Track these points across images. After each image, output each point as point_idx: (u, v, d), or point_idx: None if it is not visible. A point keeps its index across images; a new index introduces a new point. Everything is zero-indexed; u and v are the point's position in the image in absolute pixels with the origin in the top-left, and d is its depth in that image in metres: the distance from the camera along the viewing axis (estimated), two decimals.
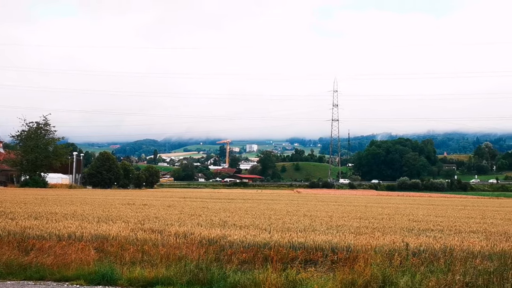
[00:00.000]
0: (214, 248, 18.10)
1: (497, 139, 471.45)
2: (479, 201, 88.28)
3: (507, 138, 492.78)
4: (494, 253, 16.86)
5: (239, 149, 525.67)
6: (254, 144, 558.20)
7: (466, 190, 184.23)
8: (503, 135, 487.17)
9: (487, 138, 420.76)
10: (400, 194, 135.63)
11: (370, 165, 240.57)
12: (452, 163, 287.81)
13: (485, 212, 48.19)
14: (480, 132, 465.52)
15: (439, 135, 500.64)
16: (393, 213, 41.54)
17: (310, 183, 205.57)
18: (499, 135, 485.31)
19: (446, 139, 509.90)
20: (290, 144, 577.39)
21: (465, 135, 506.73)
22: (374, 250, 16.81)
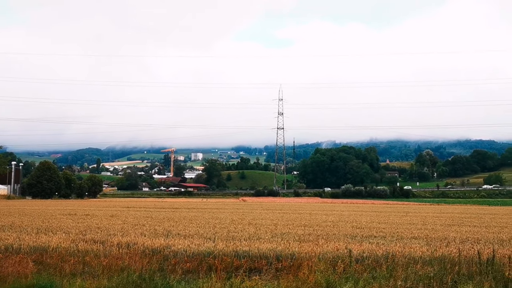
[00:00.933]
0: (157, 258, 17.85)
1: (438, 146, 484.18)
2: (420, 207, 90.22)
3: (447, 145, 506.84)
4: (435, 258, 17.18)
5: (184, 158, 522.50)
6: (199, 152, 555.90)
7: (408, 196, 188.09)
8: (444, 142, 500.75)
9: (428, 146, 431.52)
10: (344, 201, 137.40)
11: (315, 172, 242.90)
12: (394, 170, 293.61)
13: (426, 218, 49.22)
14: (421, 140, 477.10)
15: (382, 143, 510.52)
16: (337, 220, 41.96)
17: (255, 191, 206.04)
18: (440, 143, 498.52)
19: (388, 146, 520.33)
20: (235, 152, 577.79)
21: (407, 143, 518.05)
22: (318, 257, 16.89)
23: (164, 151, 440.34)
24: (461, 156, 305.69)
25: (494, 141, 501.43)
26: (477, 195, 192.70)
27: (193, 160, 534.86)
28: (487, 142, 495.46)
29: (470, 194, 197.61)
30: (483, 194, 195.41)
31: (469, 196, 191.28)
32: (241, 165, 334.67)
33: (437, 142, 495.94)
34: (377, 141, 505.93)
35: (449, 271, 15.43)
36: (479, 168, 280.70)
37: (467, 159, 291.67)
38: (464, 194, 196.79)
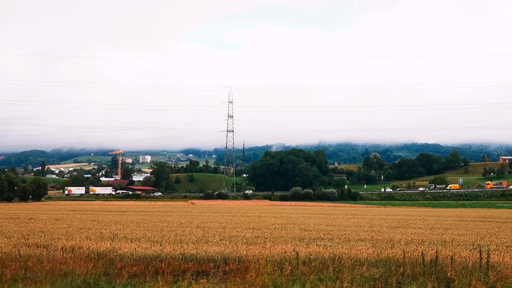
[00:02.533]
0: (103, 262, 17.53)
1: (385, 150, 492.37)
2: (367, 210, 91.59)
3: (394, 148, 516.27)
4: (380, 260, 17.41)
5: (132, 161, 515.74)
6: (148, 155, 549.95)
7: (356, 199, 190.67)
8: (391, 146, 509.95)
9: (376, 149, 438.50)
10: (293, 204, 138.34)
11: (265, 175, 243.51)
12: (342, 173, 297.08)
13: (373, 220, 49.98)
14: (369, 143, 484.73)
15: (331, 146, 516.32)
16: (285, 223, 42.17)
17: (204, 194, 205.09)
18: (387, 146, 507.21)
19: (337, 150, 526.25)
20: (184, 155, 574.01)
21: (355, 146, 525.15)
22: (265, 260, 16.89)
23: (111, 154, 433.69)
24: (407, 159, 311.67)
25: (439, 145, 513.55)
26: (423, 198, 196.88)
27: (141, 162, 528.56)
28: (433, 146, 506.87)
29: (416, 196, 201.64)
30: (428, 196, 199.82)
31: (414, 198, 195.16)
32: (190, 167, 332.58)
33: (384, 145, 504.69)
34: (326, 144, 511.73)
35: (394, 273, 15.68)
36: (425, 171, 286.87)
37: (413, 162, 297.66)
38: (410, 197, 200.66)
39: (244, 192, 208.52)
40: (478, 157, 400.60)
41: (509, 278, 14.83)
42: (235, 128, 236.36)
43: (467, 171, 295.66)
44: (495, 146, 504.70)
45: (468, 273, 14.81)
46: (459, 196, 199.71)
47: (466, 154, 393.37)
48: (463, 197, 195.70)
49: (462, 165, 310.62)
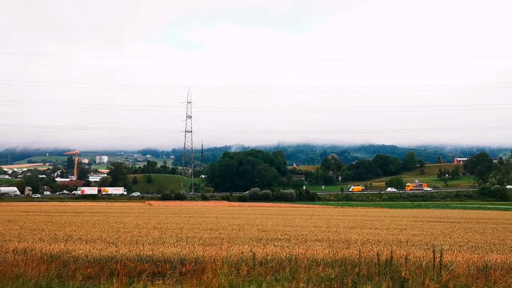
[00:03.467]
0: (56, 264, 17.19)
1: (343, 151, 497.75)
2: (325, 210, 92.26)
3: (352, 150, 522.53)
4: (336, 260, 17.53)
5: (88, 161, 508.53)
6: (105, 155, 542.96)
7: (314, 200, 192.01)
8: (348, 147, 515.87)
9: (334, 150, 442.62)
10: (251, 204, 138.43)
11: (223, 176, 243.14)
12: (301, 174, 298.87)
13: (330, 221, 50.37)
14: (327, 144, 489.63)
15: (290, 147, 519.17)
16: (243, 224, 42.17)
17: (162, 195, 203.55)
18: (345, 147, 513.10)
19: (296, 151, 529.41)
20: (142, 155, 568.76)
21: (314, 147, 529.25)
22: (222, 261, 16.82)
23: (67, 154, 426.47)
24: (364, 160, 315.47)
25: (396, 146, 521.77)
26: (379, 198, 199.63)
27: (98, 163, 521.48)
28: (390, 147, 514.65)
29: (373, 197, 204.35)
30: (385, 197, 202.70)
31: (371, 199, 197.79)
32: (147, 168, 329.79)
33: (342, 146, 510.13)
34: (285, 145, 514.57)
35: (350, 273, 15.80)
36: (382, 172, 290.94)
37: (370, 163, 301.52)
38: (367, 197, 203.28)
39: (203, 193, 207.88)
40: (433, 158, 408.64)
41: (461, 277, 15.12)
42: (193, 129, 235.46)
43: (423, 172, 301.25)
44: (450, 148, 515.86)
45: (421, 273, 15.03)
46: (415, 196, 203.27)
47: (422, 156, 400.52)
48: (419, 198, 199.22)
49: (418, 166, 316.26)
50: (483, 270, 16.01)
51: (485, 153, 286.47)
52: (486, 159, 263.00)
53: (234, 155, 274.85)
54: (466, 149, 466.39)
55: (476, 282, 15.01)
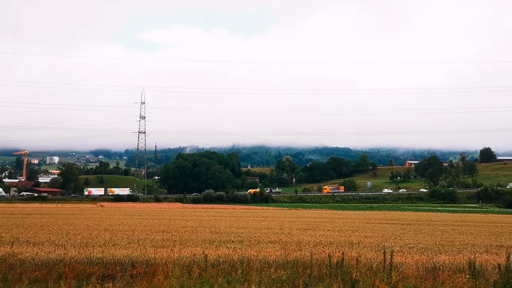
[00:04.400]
0: (1, 268, 16.71)
1: (297, 153, 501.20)
2: (278, 212, 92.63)
3: (306, 152, 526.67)
4: (288, 262, 17.55)
5: (38, 161, 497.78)
6: (56, 156, 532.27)
7: (268, 201, 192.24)
8: (303, 149, 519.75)
9: (288, 152, 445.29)
10: (205, 206, 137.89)
11: (177, 177, 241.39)
12: (255, 175, 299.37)
13: (283, 223, 50.58)
14: (282, 146, 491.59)
15: (244, 149, 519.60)
16: (196, 226, 41.95)
17: (114, 196, 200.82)
18: (300, 149, 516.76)
19: (250, 152, 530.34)
20: (94, 156, 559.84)
21: (269, 149, 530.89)
22: (173, 263, 16.64)
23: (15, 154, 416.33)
24: (318, 163, 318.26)
25: (349, 149, 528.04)
26: (333, 200, 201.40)
27: (48, 163, 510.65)
28: (343, 150, 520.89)
29: (326, 199, 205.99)
30: (338, 199, 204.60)
31: (325, 201, 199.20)
32: (100, 169, 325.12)
33: (297, 148, 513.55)
34: (240, 146, 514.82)
35: (301, 274, 15.83)
36: (335, 174, 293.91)
37: (324, 165, 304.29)
38: (320, 199, 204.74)
39: (156, 195, 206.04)
40: (386, 161, 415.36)
41: (411, 278, 15.32)
42: (147, 130, 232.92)
43: (376, 175, 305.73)
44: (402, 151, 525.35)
45: (372, 274, 15.16)
46: (368, 199, 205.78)
47: (375, 158, 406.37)
48: (371, 200, 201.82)
49: (371, 168, 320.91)
50: (432, 271, 16.28)
51: (436, 156, 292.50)
52: (436, 162, 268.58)
53: (188, 156, 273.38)
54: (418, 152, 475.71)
55: (424, 283, 15.24)
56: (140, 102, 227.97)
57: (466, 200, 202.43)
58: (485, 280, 15.14)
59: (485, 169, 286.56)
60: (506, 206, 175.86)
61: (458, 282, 14.97)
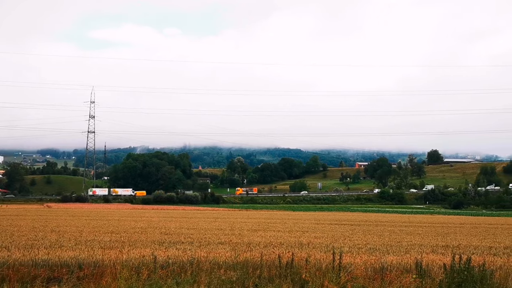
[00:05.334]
0: None
1: (249, 154, 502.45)
2: (229, 213, 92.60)
3: (258, 153, 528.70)
4: (238, 263, 17.50)
5: None
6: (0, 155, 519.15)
7: (219, 202, 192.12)
8: (254, 150, 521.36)
9: (240, 153, 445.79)
10: (155, 207, 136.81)
11: (127, 178, 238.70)
12: (206, 176, 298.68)
13: (234, 224, 50.53)
14: (234, 147, 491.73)
15: (196, 150, 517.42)
16: (146, 227, 41.51)
17: (62, 197, 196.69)
18: (251, 150, 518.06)
19: (202, 153, 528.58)
20: (41, 156, 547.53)
21: (220, 149, 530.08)
22: (122, 264, 16.39)
23: None
24: (270, 164, 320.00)
25: (301, 150, 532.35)
26: (283, 201, 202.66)
27: None
28: (294, 151, 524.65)
29: (277, 200, 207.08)
30: (289, 200, 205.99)
31: (276, 202, 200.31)
32: (47, 169, 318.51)
33: (249, 149, 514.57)
34: (192, 147, 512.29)
35: (251, 275, 15.79)
36: (286, 175, 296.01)
37: (275, 166, 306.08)
38: (271, 200, 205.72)
39: (105, 195, 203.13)
40: (336, 162, 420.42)
41: (359, 278, 15.47)
42: (97, 129, 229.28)
43: (326, 176, 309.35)
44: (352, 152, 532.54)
45: (321, 275, 15.25)
46: (318, 199, 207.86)
47: (325, 160, 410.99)
48: (322, 201, 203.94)
49: (321, 170, 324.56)
50: (380, 271, 16.48)
51: (384, 158, 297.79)
52: (385, 164, 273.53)
53: (138, 156, 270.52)
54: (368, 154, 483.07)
55: (373, 283, 15.40)
56: (90, 101, 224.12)
57: (414, 201, 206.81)
58: (431, 279, 15.41)
59: (432, 171, 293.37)
60: (452, 207, 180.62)
61: (405, 282, 15.19)
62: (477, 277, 14.69)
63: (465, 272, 14.56)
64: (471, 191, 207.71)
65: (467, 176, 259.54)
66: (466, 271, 14.59)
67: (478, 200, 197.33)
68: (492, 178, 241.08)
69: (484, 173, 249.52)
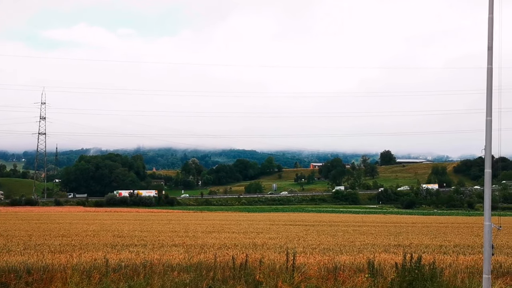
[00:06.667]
0: None
1: (204, 155, 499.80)
2: (184, 215, 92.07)
3: (213, 154, 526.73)
4: (191, 265, 17.39)
5: None
6: None
7: (173, 204, 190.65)
8: (210, 151, 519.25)
9: (195, 155, 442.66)
10: (108, 210, 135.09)
11: (79, 180, 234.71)
12: (161, 178, 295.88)
13: (188, 225, 50.27)
14: (189, 149, 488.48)
15: (150, 151, 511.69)
16: (98, 230, 40.88)
17: (11, 200, 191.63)
18: (207, 152, 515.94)
19: (156, 155, 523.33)
20: None
21: (175, 151, 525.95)
22: (73, 268, 16.07)
23: None
24: (225, 165, 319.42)
25: (256, 151, 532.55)
26: (238, 203, 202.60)
27: None
28: (250, 152, 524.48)
29: (232, 201, 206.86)
30: (244, 201, 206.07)
31: (231, 203, 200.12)
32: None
33: (204, 151, 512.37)
34: (145, 149, 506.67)
35: (205, 277, 15.72)
36: (242, 177, 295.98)
37: (231, 167, 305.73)
38: (226, 202, 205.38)
39: (56, 198, 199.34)
40: (291, 163, 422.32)
41: (312, 278, 15.54)
42: (48, 131, 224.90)
43: (281, 177, 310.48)
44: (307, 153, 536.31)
45: (275, 275, 15.27)
46: (273, 200, 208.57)
47: (281, 161, 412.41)
48: (277, 202, 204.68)
49: (276, 171, 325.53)
50: (333, 271, 16.60)
51: (338, 159, 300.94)
52: (339, 165, 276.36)
53: (91, 158, 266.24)
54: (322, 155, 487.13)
55: (326, 282, 15.50)
56: (41, 102, 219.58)
57: (367, 201, 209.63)
58: (383, 278, 15.60)
59: (385, 171, 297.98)
60: (404, 207, 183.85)
61: (358, 282, 15.33)
62: (427, 275, 14.94)
63: (416, 271, 14.79)
64: (423, 191, 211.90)
65: (419, 176, 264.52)
66: (416, 270, 14.82)
67: (430, 199, 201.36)
68: (443, 178, 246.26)
69: (435, 173, 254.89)
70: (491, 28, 11.95)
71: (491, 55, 11.89)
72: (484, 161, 11.73)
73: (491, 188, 11.66)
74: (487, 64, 11.90)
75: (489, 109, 11.70)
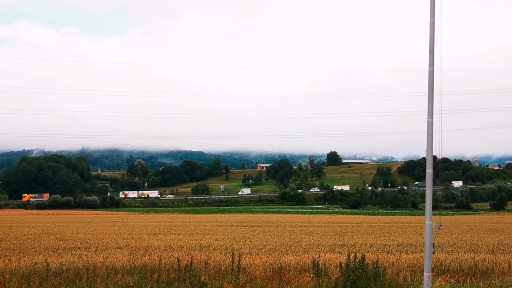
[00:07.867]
0: None
1: (150, 156, 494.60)
2: (129, 217, 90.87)
3: (160, 155, 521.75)
4: (136, 268, 17.14)
5: None
6: None
7: (119, 206, 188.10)
8: (156, 153, 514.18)
9: (141, 156, 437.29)
10: (51, 212, 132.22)
11: (20, 182, 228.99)
12: (106, 180, 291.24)
13: (134, 228, 49.65)
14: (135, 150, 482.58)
15: (95, 152, 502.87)
16: (40, 233, 39.89)
17: None
18: (153, 153, 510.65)
19: (101, 156, 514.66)
20: None
21: (121, 152, 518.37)
22: (11, 273, 15.59)
23: None
24: (171, 166, 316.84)
25: (203, 152, 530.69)
26: (185, 204, 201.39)
27: None
28: (197, 153, 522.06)
29: (179, 203, 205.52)
30: (191, 203, 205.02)
31: (178, 205, 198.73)
32: None
33: (151, 152, 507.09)
34: (90, 150, 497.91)
35: (149, 279, 15.51)
36: (188, 178, 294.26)
37: (177, 169, 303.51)
38: (173, 203, 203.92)
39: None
40: (239, 164, 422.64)
41: (258, 279, 15.52)
42: None
43: (229, 178, 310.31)
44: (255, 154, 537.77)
45: (220, 276, 15.19)
46: (220, 202, 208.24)
47: (228, 162, 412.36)
48: (224, 203, 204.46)
49: (224, 172, 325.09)
50: (278, 272, 16.62)
51: (286, 160, 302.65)
52: (287, 165, 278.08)
53: (33, 160, 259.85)
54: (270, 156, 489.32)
55: (271, 283, 15.50)
56: None
57: (314, 202, 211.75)
58: (327, 278, 15.70)
59: (331, 172, 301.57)
60: (350, 207, 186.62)
61: (303, 282, 15.39)
62: (371, 274, 15.12)
63: (360, 270, 14.95)
64: (368, 191, 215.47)
65: (364, 176, 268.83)
66: (360, 269, 14.98)
67: (375, 199, 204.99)
68: (388, 178, 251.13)
69: (380, 174, 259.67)
70: (432, 31, 12.17)
71: (432, 58, 12.10)
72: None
73: (433, 188, 11.88)
74: (428, 67, 12.11)
75: (430, 111, 11.91)
